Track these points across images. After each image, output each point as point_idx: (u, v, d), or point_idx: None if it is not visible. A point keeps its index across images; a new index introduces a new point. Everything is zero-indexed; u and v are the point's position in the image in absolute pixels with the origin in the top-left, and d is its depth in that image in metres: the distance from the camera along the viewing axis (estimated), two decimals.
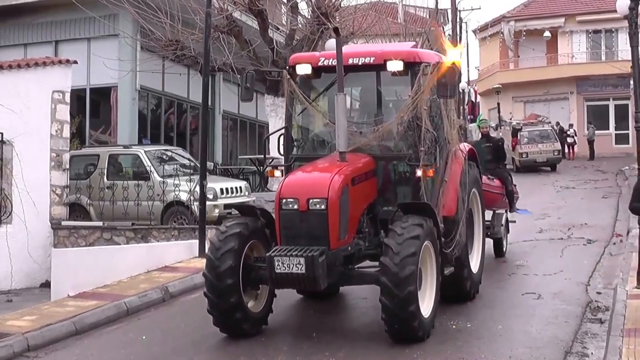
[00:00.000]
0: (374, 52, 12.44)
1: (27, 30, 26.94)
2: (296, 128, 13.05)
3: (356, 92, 13.80)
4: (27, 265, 18.43)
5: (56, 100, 20.03)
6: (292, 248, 10.51)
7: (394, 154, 12.34)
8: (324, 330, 11.63)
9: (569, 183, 35.28)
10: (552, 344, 10.83)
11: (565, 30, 56.70)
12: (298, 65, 12.44)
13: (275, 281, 10.70)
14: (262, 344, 11.18)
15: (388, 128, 12.06)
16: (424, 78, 11.79)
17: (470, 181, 13.45)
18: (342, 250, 10.96)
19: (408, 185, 12.11)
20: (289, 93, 12.51)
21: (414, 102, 11.72)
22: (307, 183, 11.19)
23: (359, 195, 11.42)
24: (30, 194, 18.59)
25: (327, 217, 10.65)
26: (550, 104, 55.42)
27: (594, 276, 16.08)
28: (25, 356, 11.42)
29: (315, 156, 12.36)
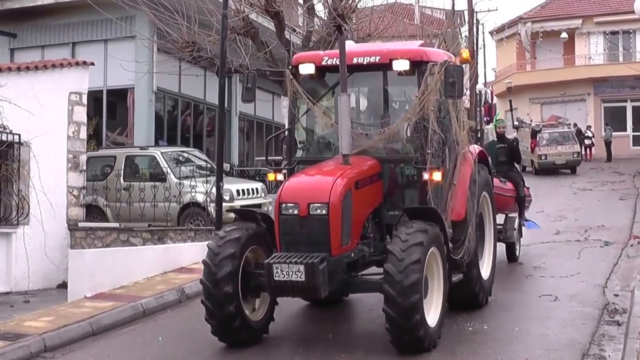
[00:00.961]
0: (380, 51, 12.01)
1: (45, 32, 27.06)
2: (300, 130, 12.69)
3: (363, 93, 13.25)
4: (44, 266, 18.50)
5: (73, 102, 20.11)
6: (291, 255, 10.11)
7: (400, 157, 11.92)
8: (328, 339, 11.27)
9: (586, 185, 35.17)
10: (569, 347, 10.79)
11: (582, 31, 56.53)
12: (301, 64, 12.08)
13: (274, 289, 10.33)
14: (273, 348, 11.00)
15: (394, 130, 11.63)
16: (431, 78, 11.38)
17: (481, 184, 12.90)
18: (344, 257, 10.55)
19: (415, 189, 11.70)
20: (292, 93, 12.17)
21: (420, 103, 11.31)
22: (308, 187, 10.80)
23: (363, 200, 11.03)
24: (47, 195, 18.65)
25: (328, 223, 10.26)
26: (567, 106, 55.27)
27: (611, 278, 16.01)
28: (42, 357, 11.45)
29: (320, 159, 11.95)
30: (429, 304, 10.37)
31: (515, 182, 18.10)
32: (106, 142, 26.15)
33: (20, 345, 11.49)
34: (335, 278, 10.32)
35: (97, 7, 22.61)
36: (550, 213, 25.72)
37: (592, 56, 56.47)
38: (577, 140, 43.38)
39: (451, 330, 11.17)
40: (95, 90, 24.29)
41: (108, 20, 24.15)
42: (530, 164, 41.33)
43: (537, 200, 27.85)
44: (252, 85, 12.24)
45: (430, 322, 10.22)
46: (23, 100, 17.98)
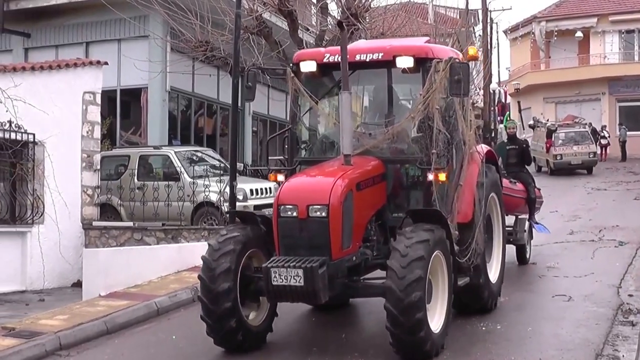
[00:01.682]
0: (383, 48, 11.61)
1: (58, 31, 27.14)
2: (302, 129, 12.35)
3: (366, 91, 12.86)
4: (58, 265, 18.58)
5: (87, 102, 20.18)
6: (290, 259, 9.76)
7: (404, 157, 11.56)
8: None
9: (601, 184, 35.12)
10: (582, 347, 10.80)
11: (597, 30, 56.36)
12: (302, 62, 11.73)
13: (272, 294, 10.01)
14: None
15: (398, 129, 11.27)
16: (436, 75, 10.95)
17: (489, 185, 12.48)
18: (345, 261, 10.18)
19: (420, 191, 11.36)
20: (293, 92, 11.90)
21: (425, 101, 10.96)
22: (307, 189, 10.42)
23: (365, 202, 10.67)
24: (62, 194, 18.73)
25: (328, 226, 9.90)
26: (581, 105, 55.12)
27: (626, 278, 16.00)
28: (57, 355, 11.54)
29: (323, 159, 11.59)
30: (433, 309, 10.09)
31: (525, 183, 17.89)
32: (120, 142, 26.22)
33: (35, 343, 11.57)
34: (336, 283, 10.03)
35: (110, 7, 22.72)
36: (565, 213, 25.70)
37: (607, 55, 56.31)
38: (593, 139, 43.05)
39: (464, 331, 11.23)
40: (109, 89, 24.34)
41: (121, 19, 24.22)
42: (546, 164, 41.17)
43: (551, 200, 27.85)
44: (253, 84, 11.90)
45: (434, 328, 9.90)
46: (37, 100, 18.06)
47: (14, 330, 12.32)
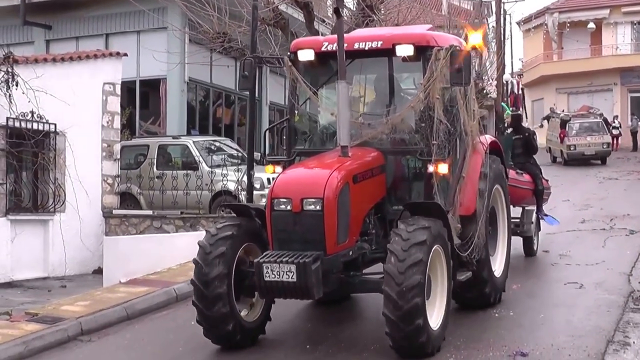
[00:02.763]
0: (382, 36, 11.11)
1: (79, 23, 27.19)
2: (300, 120, 11.86)
3: (365, 80, 12.17)
4: (80, 253, 18.65)
5: (107, 92, 20.23)
6: (283, 254, 9.32)
7: (403, 148, 11.01)
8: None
9: (612, 174, 35.03)
10: (594, 333, 10.79)
11: (609, 21, 56.20)
12: (300, 51, 11.18)
13: (264, 290, 9.56)
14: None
15: (397, 119, 10.75)
16: (437, 64, 10.40)
17: (493, 176, 11.82)
18: (340, 256, 9.69)
19: (420, 182, 10.83)
20: (291, 81, 11.39)
21: (425, 91, 10.44)
22: (302, 181, 9.94)
23: (363, 194, 10.16)
24: (83, 183, 18.80)
25: (322, 219, 9.42)
26: (593, 95, 54.93)
27: (637, 266, 15.97)
28: (79, 340, 11.61)
29: (321, 150, 11.06)
30: (432, 305, 9.61)
31: (533, 175, 17.30)
32: (139, 132, 26.28)
33: (58, 328, 11.65)
34: (331, 278, 9.59)
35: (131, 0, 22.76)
36: (576, 202, 25.65)
37: (619, 46, 56.16)
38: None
39: (477, 317, 11.24)
40: (129, 80, 24.42)
41: (141, 11, 24.27)
42: (560, 155, 40.94)
43: (564, 190, 27.84)
44: (249, 73, 11.47)
45: (434, 325, 9.47)
46: (58, 91, 18.10)
47: (37, 316, 12.40)
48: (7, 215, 17.62)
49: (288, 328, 11.27)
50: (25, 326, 11.84)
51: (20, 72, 17.44)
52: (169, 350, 9.77)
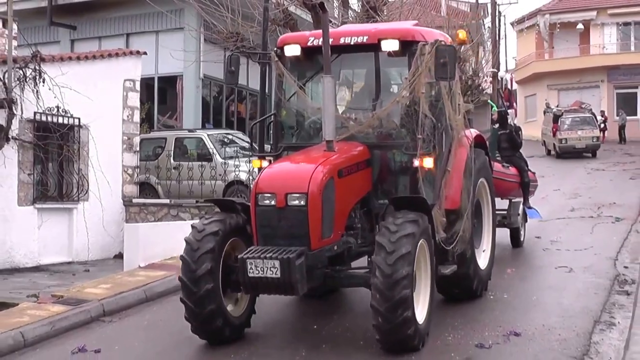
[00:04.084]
0: (368, 31, 10.54)
1: (101, 24, 27.21)
2: (287, 114, 11.20)
3: (351, 75, 11.66)
4: (102, 239, 18.66)
5: (127, 88, 20.21)
6: (266, 249, 8.77)
7: (389, 142, 10.42)
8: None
9: (600, 165, 35.06)
10: (582, 314, 10.81)
11: (597, 22, 56.08)
12: (286, 46, 10.62)
13: (248, 286, 8.94)
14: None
15: (383, 114, 10.25)
16: (422, 58, 9.87)
17: (478, 170, 11.30)
18: (325, 251, 9.15)
19: (406, 176, 10.22)
20: (277, 76, 10.80)
21: (410, 85, 9.89)
22: (286, 176, 9.34)
23: (348, 189, 9.60)
24: (105, 173, 18.80)
25: (307, 215, 8.86)
26: (582, 92, 54.76)
27: (622, 252, 16.00)
28: (101, 320, 11.66)
29: (308, 145, 10.47)
30: (417, 299, 9.02)
31: (519, 168, 16.88)
32: (157, 125, 26.31)
33: (81, 309, 11.69)
34: (316, 273, 9.05)
35: (149, 1, 22.67)
36: (566, 191, 25.69)
37: (606, 46, 56.05)
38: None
39: (474, 299, 11.21)
40: (148, 77, 24.37)
41: (159, 13, 24.23)
42: (553, 148, 40.81)
43: (555, 180, 27.91)
44: (236, 68, 10.86)
45: (419, 318, 8.91)
46: (82, 87, 18.09)
47: (62, 298, 12.41)
48: (35, 203, 17.64)
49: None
50: (51, 307, 11.85)
51: (46, 70, 17.43)
52: (185, 330, 9.72)
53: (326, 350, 9.19)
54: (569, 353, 9.05)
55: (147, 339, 10.35)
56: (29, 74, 17.11)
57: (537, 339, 9.59)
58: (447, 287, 10.70)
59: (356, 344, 9.32)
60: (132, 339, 10.55)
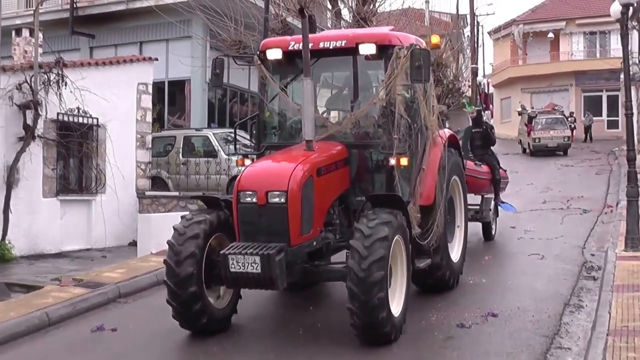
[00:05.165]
0: (346, 36, 10.16)
1: (117, 33, 27.16)
2: (270, 115, 10.76)
3: (330, 78, 11.30)
4: (117, 228, 18.67)
5: (140, 91, 20.20)
6: (248, 245, 8.40)
7: (366, 142, 10.06)
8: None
9: (569, 162, 35.11)
10: (553, 297, 10.86)
11: (566, 32, 56.15)
12: (269, 50, 10.19)
13: (230, 281, 8.57)
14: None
15: (360, 115, 9.84)
16: (398, 61, 9.53)
17: (451, 168, 10.97)
18: (305, 247, 8.77)
19: (383, 174, 9.88)
20: (260, 79, 10.41)
21: (387, 87, 9.56)
22: (267, 175, 8.90)
23: (327, 187, 9.22)
24: (120, 168, 18.80)
25: (287, 212, 8.46)
26: (552, 95, 54.79)
27: (589, 241, 16.05)
28: (117, 302, 11.68)
29: (290, 144, 10.03)
30: (393, 293, 8.70)
31: (491, 165, 16.37)
32: (167, 125, 26.26)
33: (99, 292, 11.72)
34: (295, 268, 8.67)
35: (160, 12, 22.70)
36: (539, 186, 25.72)
37: (574, 53, 56.11)
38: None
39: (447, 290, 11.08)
40: (159, 81, 24.31)
41: (169, 23, 24.17)
42: (527, 146, 40.72)
43: (528, 175, 27.96)
44: (220, 71, 10.45)
45: (395, 312, 8.56)
46: (100, 90, 18.10)
47: (82, 281, 12.43)
48: (57, 196, 17.65)
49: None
50: (72, 290, 11.87)
51: (68, 74, 17.43)
52: None
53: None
54: (542, 332, 9.10)
55: (158, 318, 10.32)
56: (53, 78, 17.11)
57: (513, 319, 9.63)
58: (422, 278, 10.35)
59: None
60: (145, 319, 10.57)
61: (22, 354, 9.29)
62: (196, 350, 8.93)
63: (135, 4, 26.60)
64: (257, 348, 8.77)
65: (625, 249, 14.36)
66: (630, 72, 17.18)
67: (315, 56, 9.66)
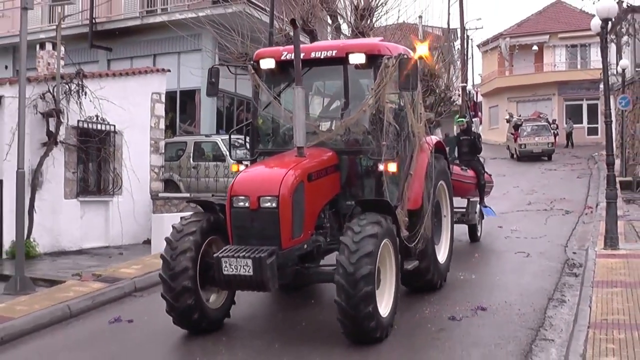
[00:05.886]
0: (336, 46, 9.87)
1: (133, 46, 27.15)
2: (263, 122, 10.38)
3: (322, 87, 11.00)
4: (133, 227, 18.68)
5: (154, 100, 20.20)
6: (240, 248, 8.12)
7: (356, 148, 9.68)
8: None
9: (552, 166, 35.17)
10: (538, 293, 10.88)
11: (549, 45, 56.19)
12: (262, 59, 9.94)
13: (223, 283, 8.31)
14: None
15: (350, 122, 9.53)
16: (387, 71, 9.26)
17: (437, 174, 10.72)
18: (295, 250, 8.47)
19: (372, 180, 9.57)
20: (254, 87, 10.10)
21: (376, 95, 9.28)
22: (259, 180, 8.57)
23: (317, 191, 8.91)
24: (135, 172, 18.78)
25: (278, 216, 8.16)
26: (537, 103, 54.83)
27: (571, 240, 16.10)
28: (133, 295, 11.76)
29: (282, 150, 9.67)
30: (382, 294, 8.42)
31: (476, 171, 16.16)
32: (179, 131, 26.26)
33: (117, 286, 11.80)
34: (286, 271, 8.38)
35: (172, 27, 22.76)
36: (524, 188, 25.79)
37: (557, 64, 56.19)
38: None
39: (447, 278, 11.22)
40: (171, 91, 24.31)
41: (181, 37, 24.19)
42: (514, 152, 40.67)
43: (514, 179, 28.01)
44: (216, 80, 10.21)
45: (383, 312, 8.27)
46: (117, 99, 18.12)
47: (100, 277, 12.49)
48: (78, 197, 17.65)
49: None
50: (92, 284, 11.93)
51: (88, 85, 17.45)
52: None
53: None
54: (527, 325, 9.13)
55: None
56: (74, 88, 17.13)
57: (500, 313, 9.66)
58: (410, 279, 10.07)
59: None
60: (159, 311, 10.48)
61: (46, 343, 9.36)
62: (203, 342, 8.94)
63: (149, 19, 26.76)
64: (252, 345, 8.53)
65: (604, 248, 14.40)
66: (609, 83, 17.28)
67: (307, 65, 9.44)
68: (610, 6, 15.86)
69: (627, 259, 13.25)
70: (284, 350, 8.25)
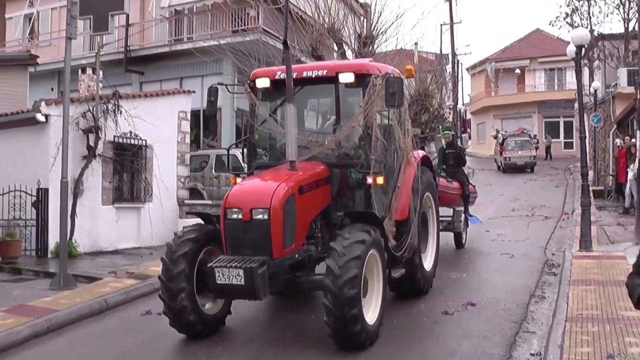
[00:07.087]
0: (327, 66, 9.54)
1: (162, 70, 27.32)
2: (260, 137, 9.95)
3: (314, 104, 10.55)
4: (161, 230, 18.66)
5: (181, 118, 20.24)
6: (233, 259, 7.66)
7: (346, 162, 9.21)
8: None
9: (533, 176, 35.16)
10: (521, 290, 10.88)
11: (530, 68, 56.22)
12: (258, 79, 9.57)
13: (216, 291, 7.87)
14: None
15: (340, 137, 9.19)
16: (374, 89, 8.88)
17: (424, 186, 10.22)
18: (287, 259, 7.96)
19: (361, 192, 9.09)
20: (250, 105, 9.79)
21: (364, 112, 8.85)
22: (252, 193, 8.09)
23: (309, 203, 8.41)
24: (164, 182, 18.80)
25: (269, 227, 7.70)
26: (519, 120, 54.70)
27: (550, 242, 16.09)
28: None
29: (277, 164, 9.22)
30: (369, 303, 7.93)
31: (461, 182, 15.64)
32: (202, 145, 26.36)
33: (147, 282, 11.83)
34: (278, 280, 7.89)
35: (197, 53, 22.89)
36: (509, 196, 25.76)
37: (537, 86, 56.21)
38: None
39: (440, 278, 11.20)
40: (195, 110, 24.33)
41: (204, 62, 24.32)
42: (500, 164, 40.50)
43: (499, 188, 27.97)
44: (215, 99, 9.72)
45: (369, 320, 7.77)
46: (148, 117, 18.16)
47: (133, 274, 12.54)
48: (114, 204, 17.69)
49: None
50: (126, 281, 11.98)
51: (123, 104, 17.50)
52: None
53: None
54: (512, 319, 9.14)
55: None
56: (110, 107, 17.18)
57: (488, 308, 9.67)
58: (397, 286, 9.79)
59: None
60: None
61: (86, 332, 9.41)
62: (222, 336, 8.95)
63: (176, 46, 26.90)
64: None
65: (580, 250, 14.40)
66: (583, 102, 17.29)
67: (300, 84, 9.12)
68: (583, 34, 16.00)
69: (599, 259, 13.24)
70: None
